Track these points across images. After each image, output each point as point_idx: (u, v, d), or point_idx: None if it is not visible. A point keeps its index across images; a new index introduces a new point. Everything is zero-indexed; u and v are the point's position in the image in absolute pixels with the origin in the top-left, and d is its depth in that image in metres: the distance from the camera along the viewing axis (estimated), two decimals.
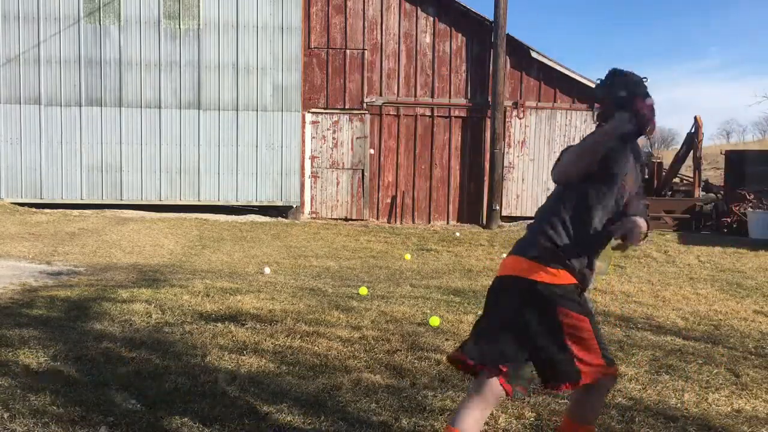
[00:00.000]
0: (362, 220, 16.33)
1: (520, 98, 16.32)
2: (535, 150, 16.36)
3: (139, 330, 4.68)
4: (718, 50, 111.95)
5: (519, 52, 16.22)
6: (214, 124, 15.89)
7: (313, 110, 16.30)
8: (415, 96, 16.40)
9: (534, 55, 16.18)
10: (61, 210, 15.04)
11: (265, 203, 16.18)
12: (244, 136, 15.97)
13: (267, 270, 8.74)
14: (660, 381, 4.17)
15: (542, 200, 2.89)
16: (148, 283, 6.54)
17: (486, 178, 16.23)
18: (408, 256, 10.43)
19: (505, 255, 2.85)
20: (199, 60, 15.77)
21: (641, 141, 2.12)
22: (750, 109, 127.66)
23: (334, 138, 16.39)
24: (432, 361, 4.29)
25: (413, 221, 16.47)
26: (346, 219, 16.31)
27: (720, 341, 5.45)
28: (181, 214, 15.16)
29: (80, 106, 15.63)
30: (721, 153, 22.09)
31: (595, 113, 2.77)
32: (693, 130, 16.67)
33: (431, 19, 16.34)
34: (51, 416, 3.07)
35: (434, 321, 5.33)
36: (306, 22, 16.11)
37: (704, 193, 17.41)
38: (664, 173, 17.59)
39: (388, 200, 16.56)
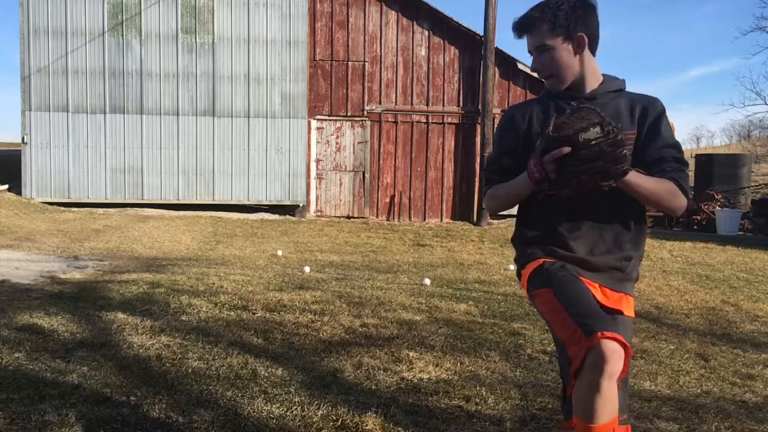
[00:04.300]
0: (363, 218, 16.32)
1: (507, 106, 16.30)
2: None
3: (159, 318, 4.67)
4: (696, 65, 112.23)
5: (507, 64, 16.22)
6: (227, 130, 15.88)
7: (318, 117, 16.28)
8: (412, 104, 16.39)
9: (520, 66, 16.18)
10: (86, 209, 15.03)
11: (274, 202, 16.17)
12: (254, 141, 15.97)
13: (279, 252, 9.72)
14: (635, 365, 4.17)
15: None
16: (167, 275, 6.54)
17: (477, 179, 16.22)
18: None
19: (493, 250, 2.80)
20: (213, 71, 15.75)
21: None
22: (717, 116, 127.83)
23: (337, 143, 16.37)
24: (426, 347, 4.29)
25: (410, 219, 16.46)
26: (348, 217, 16.30)
27: (690, 328, 5.45)
28: (197, 212, 15.15)
29: (104, 113, 15.61)
30: (691, 156, 22.10)
31: None
32: None
33: (426, 33, 16.32)
34: (78, 397, 3.07)
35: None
36: (311, 36, 16.09)
37: None
38: None
39: (387, 200, 16.55)
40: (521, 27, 2.13)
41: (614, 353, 1.79)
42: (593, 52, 2.12)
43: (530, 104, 2.20)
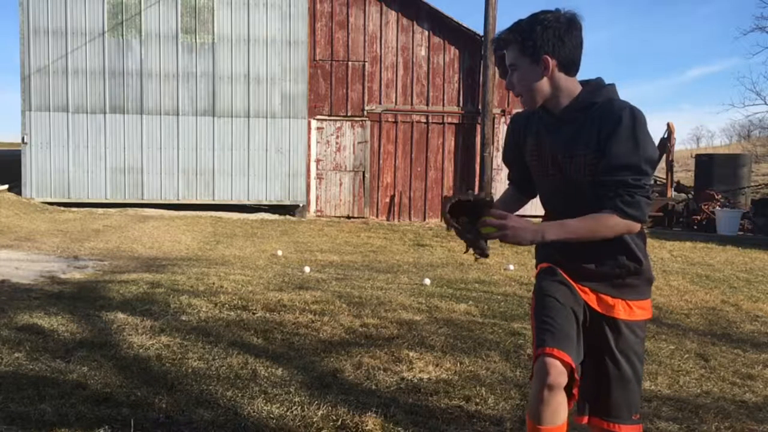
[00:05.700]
0: (363, 218, 16.32)
1: (508, 106, 16.32)
2: None
3: (159, 318, 4.67)
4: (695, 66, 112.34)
5: None
6: (227, 130, 15.88)
7: (318, 117, 16.29)
8: (412, 104, 16.39)
9: None
10: (86, 209, 15.03)
11: (274, 202, 16.17)
12: (254, 141, 15.97)
13: (279, 252, 9.69)
14: None
15: None
16: (167, 275, 6.53)
17: (477, 179, 16.22)
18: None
19: (493, 250, 2.82)
20: (213, 71, 15.75)
21: None
22: (718, 116, 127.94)
23: (337, 143, 16.38)
24: (426, 347, 4.29)
25: (410, 219, 16.46)
26: (348, 217, 16.30)
27: (690, 328, 5.45)
28: (197, 212, 15.15)
29: (105, 113, 15.61)
30: (691, 156, 22.12)
31: None
32: (666, 136, 16.69)
33: (426, 33, 16.33)
34: (78, 397, 3.07)
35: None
36: (311, 36, 16.10)
37: (676, 193, 17.44)
38: None
39: (387, 200, 16.55)
40: (496, 45, 2.18)
41: (555, 368, 1.93)
42: (568, 72, 2.07)
43: (526, 115, 2.25)
